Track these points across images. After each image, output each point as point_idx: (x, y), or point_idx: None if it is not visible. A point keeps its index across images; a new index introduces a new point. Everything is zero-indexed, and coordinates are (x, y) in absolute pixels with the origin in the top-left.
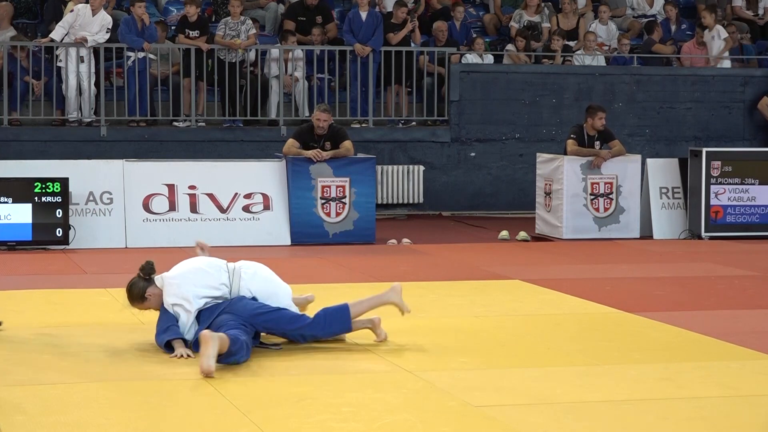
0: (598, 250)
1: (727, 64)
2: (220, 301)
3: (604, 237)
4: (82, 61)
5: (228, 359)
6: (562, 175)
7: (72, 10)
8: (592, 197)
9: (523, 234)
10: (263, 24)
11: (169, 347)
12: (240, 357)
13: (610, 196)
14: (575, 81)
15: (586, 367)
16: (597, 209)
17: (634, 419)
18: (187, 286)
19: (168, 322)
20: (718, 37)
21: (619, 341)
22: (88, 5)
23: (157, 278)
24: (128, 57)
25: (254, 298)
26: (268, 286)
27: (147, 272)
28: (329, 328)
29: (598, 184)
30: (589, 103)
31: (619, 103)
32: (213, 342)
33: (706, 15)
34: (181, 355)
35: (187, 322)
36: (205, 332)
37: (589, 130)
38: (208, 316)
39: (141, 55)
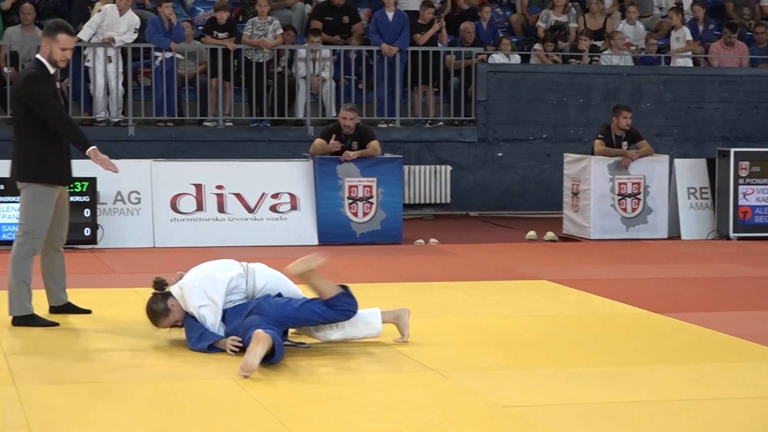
0: (626, 250)
1: (689, 62)
2: (245, 301)
3: (631, 237)
4: (110, 61)
5: (268, 361)
6: (590, 175)
7: (99, 10)
8: (620, 197)
9: (550, 234)
10: (289, 23)
11: (212, 349)
12: (278, 358)
13: (638, 196)
14: (602, 81)
15: (613, 367)
16: (624, 209)
17: (661, 420)
18: (209, 284)
19: (200, 328)
20: (683, 39)
21: (646, 342)
22: (115, 5)
23: (173, 288)
24: (156, 57)
25: (279, 294)
26: (281, 277)
27: (161, 287)
28: (346, 308)
29: (625, 184)
30: (616, 103)
31: (646, 103)
32: (265, 343)
33: (673, 15)
34: (233, 348)
35: (215, 321)
36: (260, 332)
37: (615, 129)
38: (235, 315)
39: (168, 55)
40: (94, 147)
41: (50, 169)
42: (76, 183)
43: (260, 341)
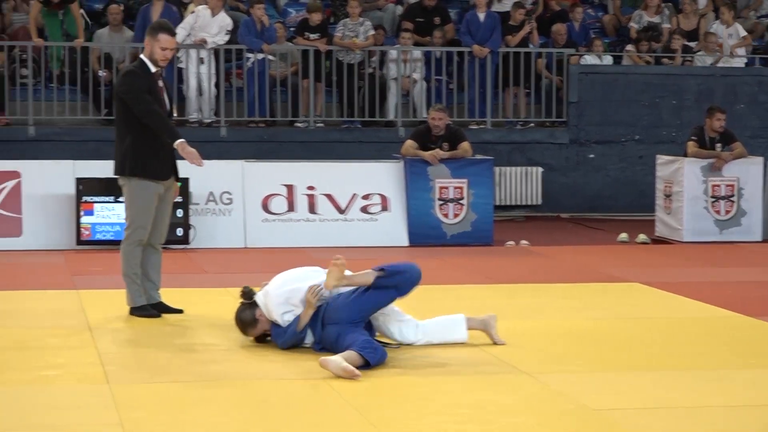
0: (719, 253)
1: (738, 62)
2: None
3: (725, 240)
4: (202, 63)
5: (368, 367)
6: (683, 177)
7: (192, 12)
8: (713, 200)
9: (642, 236)
10: (380, 24)
11: (301, 334)
12: (379, 357)
13: (732, 198)
14: (696, 82)
15: (705, 371)
16: (718, 212)
17: (753, 424)
18: (292, 290)
19: (284, 328)
20: (736, 35)
21: (739, 345)
22: (207, 7)
23: (258, 296)
24: (248, 58)
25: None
26: None
27: (249, 296)
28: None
29: (719, 186)
30: (709, 104)
31: (740, 104)
32: (332, 362)
33: (725, 11)
34: (317, 294)
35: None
36: (321, 360)
37: (709, 131)
38: (314, 320)
39: (260, 56)
40: (182, 140)
41: (149, 164)
42: None
43: (326, 366)
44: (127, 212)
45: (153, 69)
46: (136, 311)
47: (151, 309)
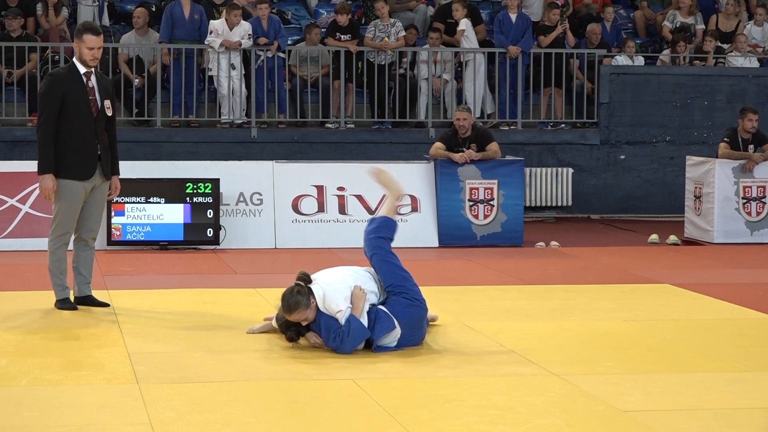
0: (750, 254)
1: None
2: (377, 299)
3: (756, 242)
4: (233, 68)
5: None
6: (714, 178)
7: (211, 32)
8: (744, 201)
9: (673, 238)
10: (412, 24)
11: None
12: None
13: (763, 200)
14: (728, 83)
15: (736, 373)
16: (749, 213)
17: None
18: (349, 289)
19: (344, 326)
20: None
21: None
22: (224, 21)
23: (315, 287)
24: (258, 57)
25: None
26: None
27: (307, 281)
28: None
29: (750, 187)
30: (741, 105)
31: None
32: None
33: (761, 12)
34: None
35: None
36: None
37: (741, 132)
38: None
39: (269, 54)
40: (46, 174)
41: (68, 164)
42: (199, 184)
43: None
44: (53, 210)
45: (83, 70)
46: (58, 304)
47: (70, 303)
